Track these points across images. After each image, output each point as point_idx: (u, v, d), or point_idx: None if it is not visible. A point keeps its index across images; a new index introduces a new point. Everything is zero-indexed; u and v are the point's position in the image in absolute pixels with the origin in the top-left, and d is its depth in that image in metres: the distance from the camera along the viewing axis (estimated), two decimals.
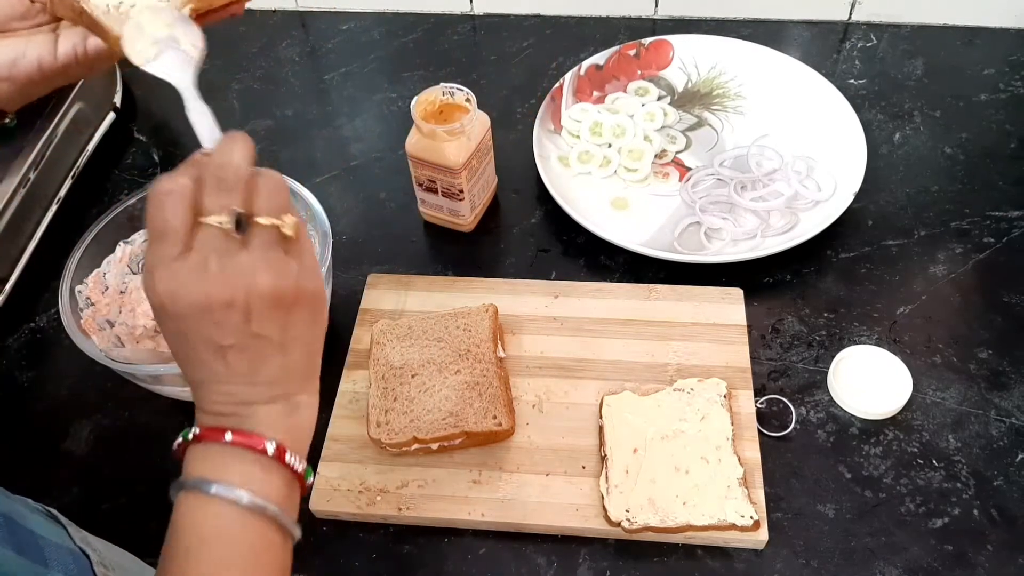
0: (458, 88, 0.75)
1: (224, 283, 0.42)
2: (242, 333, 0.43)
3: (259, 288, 0.43)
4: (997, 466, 0.64)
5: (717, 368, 0.68)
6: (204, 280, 0.42)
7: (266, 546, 0.44)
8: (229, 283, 0.42)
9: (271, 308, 0.43)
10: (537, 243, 0.81)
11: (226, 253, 0.43)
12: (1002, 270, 0.75)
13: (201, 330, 0.43)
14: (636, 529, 0.59)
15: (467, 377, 0.66)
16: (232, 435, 0.44)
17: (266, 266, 0.43)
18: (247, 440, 0.43)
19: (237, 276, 0.43)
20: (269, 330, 0.44)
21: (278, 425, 0.45)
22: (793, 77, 0.89)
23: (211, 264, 0.42)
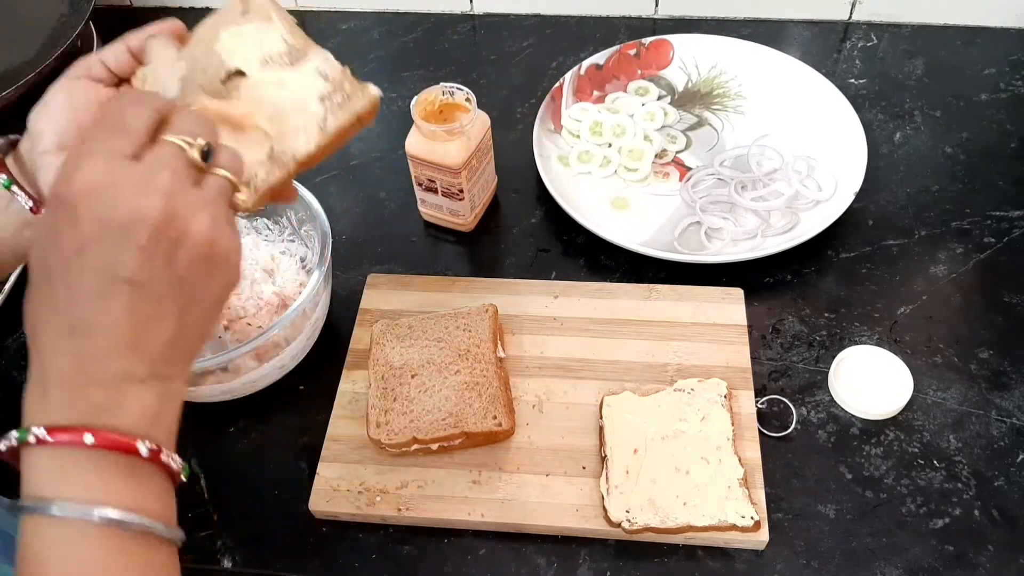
0: (458, 88, 0.75)
1: (169, 205, 0.36)
2: (156, 272, 0.36)
3: (201, 229, 0.37)
4: (998, 466, 0.64)
5: (717, 368, 0.68)
6: (144, 192, 0.36)
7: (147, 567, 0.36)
8: (173, 207, 0.36)
9: (200, 259, 0.38)
10: (537, 243, 0.81)
11: (181, 178, 0.37)
12: (1003, 270, 0.75)
13: (109, 249, 0.35)
14: (636, 530, 0.59)
15: (467, 377, 0.66)
16: (94, 436, 0.35)
17: (214, 215, 0.38)
18: (115, 441, 0.35)
19: (184, 205, 0.37)
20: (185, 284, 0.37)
21: (149, 415, 0.37)
22: (793, 77, 0.89)
23: (160, 180, 0.36)
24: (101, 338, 0.36)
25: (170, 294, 0.37)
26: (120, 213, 0.35)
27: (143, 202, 0.36)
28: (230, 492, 0.66)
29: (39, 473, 0.36)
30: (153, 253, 0.36)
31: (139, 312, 0.36)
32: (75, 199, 0.35)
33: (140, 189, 0.36)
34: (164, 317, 0.37)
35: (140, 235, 0.36)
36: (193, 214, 0.37)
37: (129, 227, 0.35)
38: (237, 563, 0.62)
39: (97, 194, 0.35)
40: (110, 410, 0.36)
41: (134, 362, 0.37)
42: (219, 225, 0.38)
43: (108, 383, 0.36)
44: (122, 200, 0.35)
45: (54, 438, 0.35)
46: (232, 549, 0.63)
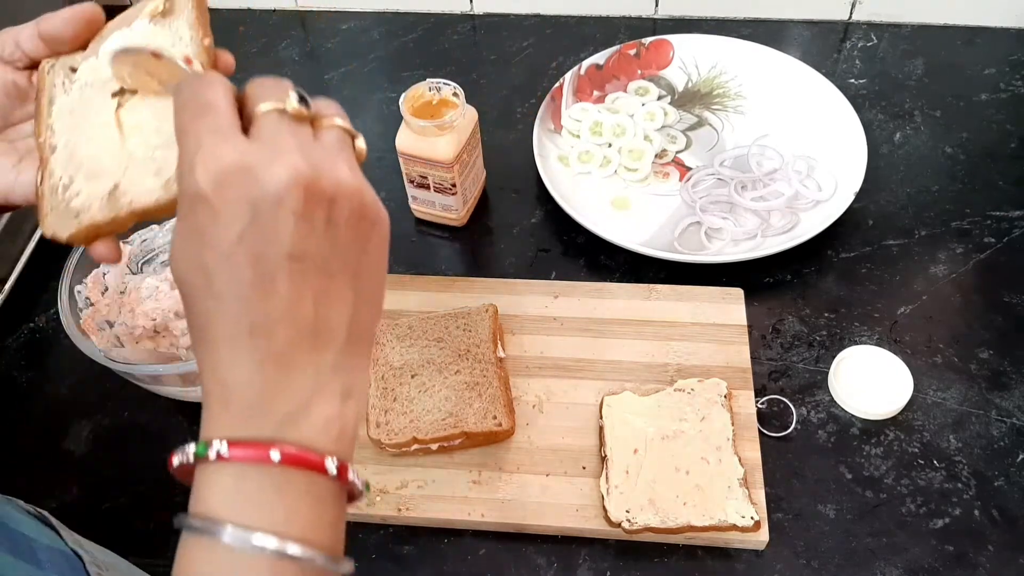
0: (445, 83, 0.75)
1: (309, 161, 0.32)
2: (320, 241, 0.32)
3: (348, 182, 0.33)
4: (998, 466, 0.64)
5: (717, 368, 0.68)
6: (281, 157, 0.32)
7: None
8: (314, 162, 0.32)
9: (356, 215, 0.34)
10: (537, 243, 0.81)
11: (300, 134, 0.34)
12: (1003, 270, 0.75)
13: (266, 228, 0.31)
14: (636, 530, 0.59)
15: (467, 377, 0.66)
16: (281, 452, 0.31)
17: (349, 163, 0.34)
18: (303, 459, 0.32)
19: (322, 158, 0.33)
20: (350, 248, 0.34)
21: (334, 426, 0.34)
22: (793, 77, 0.89)
23: (285, 142, 0.33)
24: (282, 330, 0.32)
25: (339, 263, 0.34)
26: (266, 187, 0.31)
27: (283, 168, 0.32)
28: None
29: (215, 491, 0.32)
30: (311, 218, 0.32)
31: (313, 290, 0.33)
32: (208, 192, 0.31)
33: (273, 156, 0.32)
34: (339, 292, 0.34)
35: (293, 202, 0.32)
36: (334, 165, 0.33)
37: (279, 198, 0.31)
38: None
39: (231, 177, 0.31)
40: (296, 421, 0.33)
41: (319, 353, 0.33)
42: (358, 175, 0.35)
43: (296, 385, 0.33)
44: (261, 173, 0.32)
45: (237, 452, 0.32)
46: None
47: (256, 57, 1.00)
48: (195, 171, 0.32)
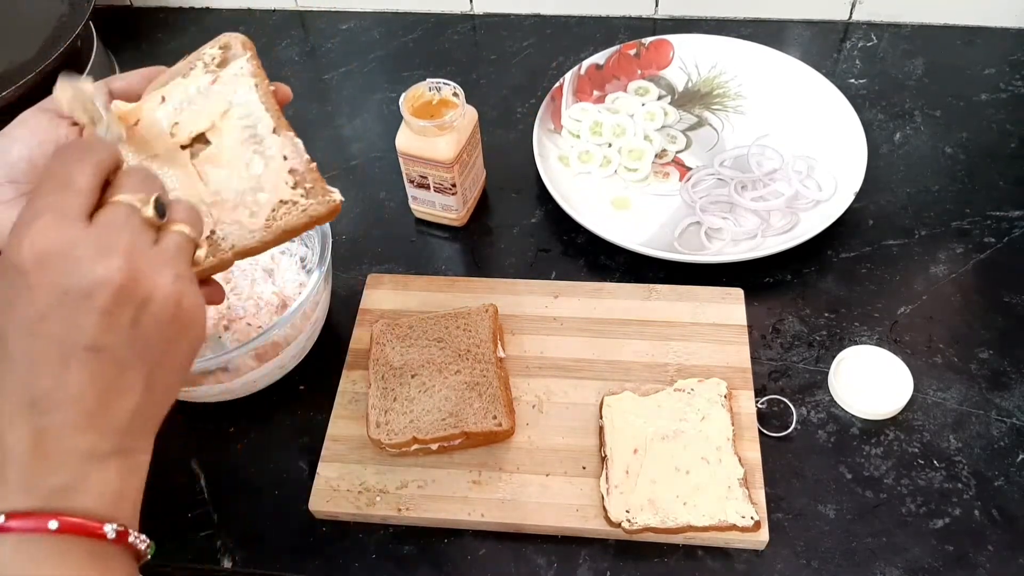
0: (445, 83, 0.75)
1: (130, 265, 0.34)
2: (120, 337, 0.34)
3: (165, 289, 0.35)
4: (998, 466, 0.64)
5: (717, 368, 0.68)
6: (106, 254, 0.34)
7: None
8: (135, 267, 0.34)
9: (167, 321, 0.36)
10: (537, 243, 0.81)
11: (140, 237, 0.35)
12: (1003, 270, 0.75)
13: (69, 316, 0.33)
14: (636, 530, 0.59)
15: (467, 377, 0.66)
16: (59, 522, 0.33)
17: (177, 272, 0.36)
18: (80, 526, 0.33)
19: (146, 264, 0.35)
20: (151, 348, 0.35)
21: (112, 493, 0.35)
22: (793, 77, 0.89)
23: (118, 241, 0.34)
24: (62, 411, 0.34)
25: (135, 359, 0.35)
26: (79, 278, 0.33)
27: (103, 265, 0.33)
28: (230, 492, 0.66)
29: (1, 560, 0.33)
30: (116, 317, 0.34)
31: (103, 381, 0.34)
32: (27, 266, 0.33)
33: (98, 252, 0.34)
34: (129, 385, 0.35)
35: (102, 299, 0.34)
36: (157, 273, 0.35)
37: (90, 292, 0.33)
38: (237, 563, 0.62)
39: (52, 260, 0.33)
40: (73, 492, 0.34)
41: (97, 437, 0.35)
42: (183, 282, 0.37)
43: (70, 462, 0.34)
44: (80, 265, 0.33)
45: (15, 524, 0.33)
46: (232, 549, 0.63)
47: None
48: (23, 244, 0.33)
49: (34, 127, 0.47)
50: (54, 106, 0.48)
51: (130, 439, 0.36)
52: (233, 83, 0.47)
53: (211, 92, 0.46)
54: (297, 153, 0.45)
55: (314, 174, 0.45)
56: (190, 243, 0.38)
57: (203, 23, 1.06)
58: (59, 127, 0.48)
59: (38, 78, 0.82)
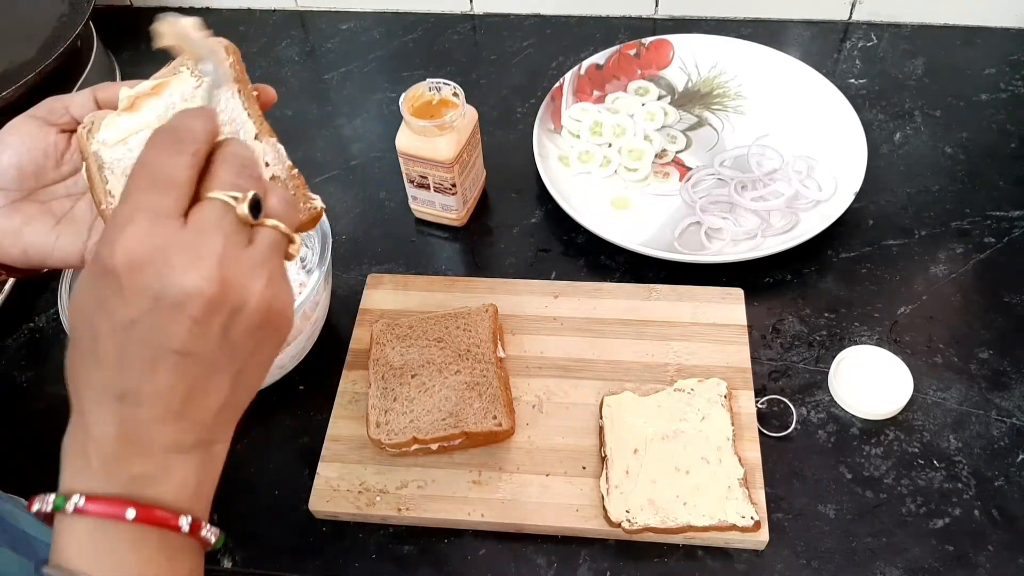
0: (444, 83, 0.75)
1: (224, 274, 0.34)
2: (210, 344, 0.34)
3: (258, 296, 0.35)
4: (998, 466, 0.64)
5: (717, 368, 0.68)
6: (196, 261, 0.33)
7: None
8: (228, 276, 0.34)
9: (257, 326, 0.36)
10: (537, 243, 0.81)
11: (234, 240, 0.35)
12: (1003, 270, 0.75)
13: (160, 323, 0.33)
14: (636, 530, 0.59)
15: (467, 377, 0.66)
16: (136, 510, 0.34)
17: (270, 274, 0.36)
18: (156, 517, 0.34)
19: (239, 272, 0.35)
20: (239, 352, 0.36)
21: (190, 486, 0.36)
22: (793, 77, 0.89)
23: (211, 245, 0.34)
24: (149, 407, 0.34)
25: (224, 362, 0.36)
26: (171, 287, 0.33)
27: (195, 274, 0.33)
28: (230, 492, 0.66)
29: (72, 542, 0.34)
30: (208, 325, 0.34)
31: (190, 381, 0.35)
32: (120, 269, 0.33)
33: (191, 258, 0.33)
34: (216, 385, 0.36)
35: (194, 308, 0.33)
36: (250, 279, 0.35)
37: (182, 301, 0.33)
38: (237, 563, 0.62)
39: (144, 266, 0.33)
40: (152, 481, 0.35)
41: (181, 432, 0.35)
42: (275, 284, 0.36)
43: (153, 453, 0.35)
44: (172, 272, 0.33)
45: (94, 508, 0.34)
46: (232, 549, 0.63)
47: (256, 57, 1.00)
48: (116, 246, 0.33)
49: (23, 134, 0.47)
50: (43, 113, 0.48)
51: (212, 432, 0.37)
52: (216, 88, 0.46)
53: (195, 97, 0.46)
54: (279, 159, 0.45)
55: (296, 180, 0.45)
56: (283, 239, 0.37)
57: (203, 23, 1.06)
58: (48, 134, 0.48)
59: (38, 78, 0.82)
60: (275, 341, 0.38)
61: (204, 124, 0.37)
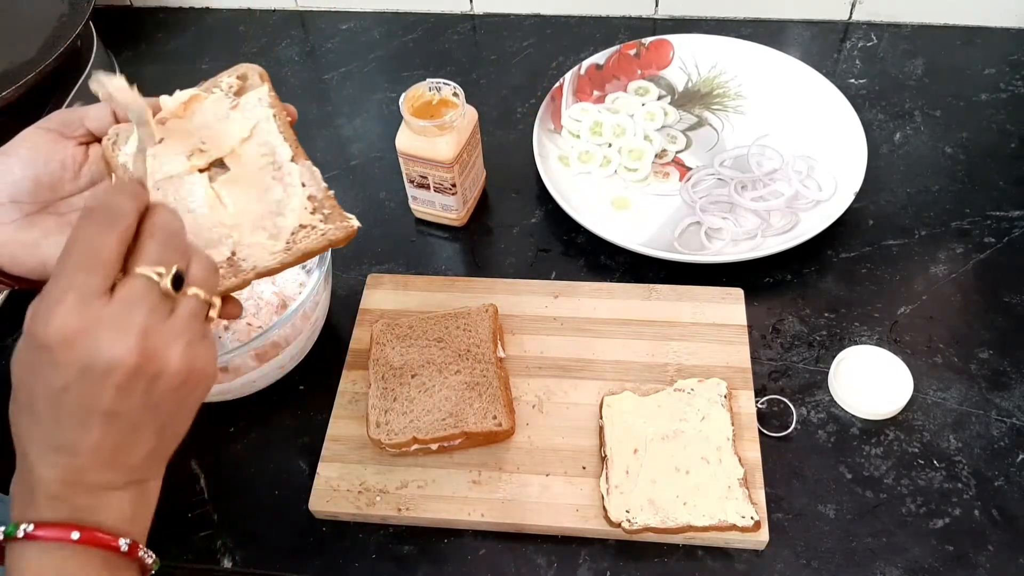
0: (444, 83, 0.75)
1: (144, 345, 0.37)
2: (135, 405, 0.38)
3: (177, 362, 0.39)
4: (998, 466, 0.64)
5: (717, 368, 0.68)
6: (123, 335, 0.37)
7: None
8: (149, 347, 0.38)
9: (177, 387, 0.39)
10: (537, 243, 0.81)
11: (155, 313, 0.38)
12: (1003, 270, 0.75)
13: (89, 389, 0.37)
14: (636, 530, 0.59)
15: (467, 377, 0.66)
16: (80, 533, 0.38)
17: (189, 339, 0.39)
18: (98, 538, 0.38)
19: (159, 342, 0.38)
20: (162, 409, 0.39)
21: (127, 514, 0.40)
22: (793, 77, 0.89)
23: (135, 319, 0.37)
24: (83, 457, 0.38)
25: (148, 418, 0.39)
26: (98, 359, 0.37)
27: (119, 347, 0.37)
28: (230, 492, 0.66)
29: (22, 566, 0.38)
30: (131, 390, 0.38)
31: (118, 437, 0.39)
32: (52, 344, 0.37)
33: (115, 333, 0.37)
34: (143, 438, 0.40)
35: (118, 376, 0.37)
36: (168, 347, 0.38)
37: (108, 370, 0.37)
38: (237, 563, 0.62)
39: (73, 340, 0.37)
40: (93, 511, 0.39)
41: (113, 475, 0.39)
42: (195, 348, 0.40)
43: (92, 491, 0.39)
44: (99, 346, 0.37)
45: (42, 533, 0.38)
46: (232, 549, 0.63)
47: (256, 57, 1.00)
48: (49, 323, 0.37)
49: (37, 146, 0.48)
50: (56, 125, 0.49)
51: (142, 473, 0.41)
52: (252, 111, 0.48)
53: (231, 118, 0.48)
54: (315, 181, 0.48)
55: (331, 201, 0.48)
56: (204, 305, 0.41)
57: (203, 23, 1.06)
58: (65, 146, 0.49)
59: (38, 78, 0.82)
60: (198, 395, 0.42)
61: (132, 202, 0.40)
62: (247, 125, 0.47)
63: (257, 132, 0.47)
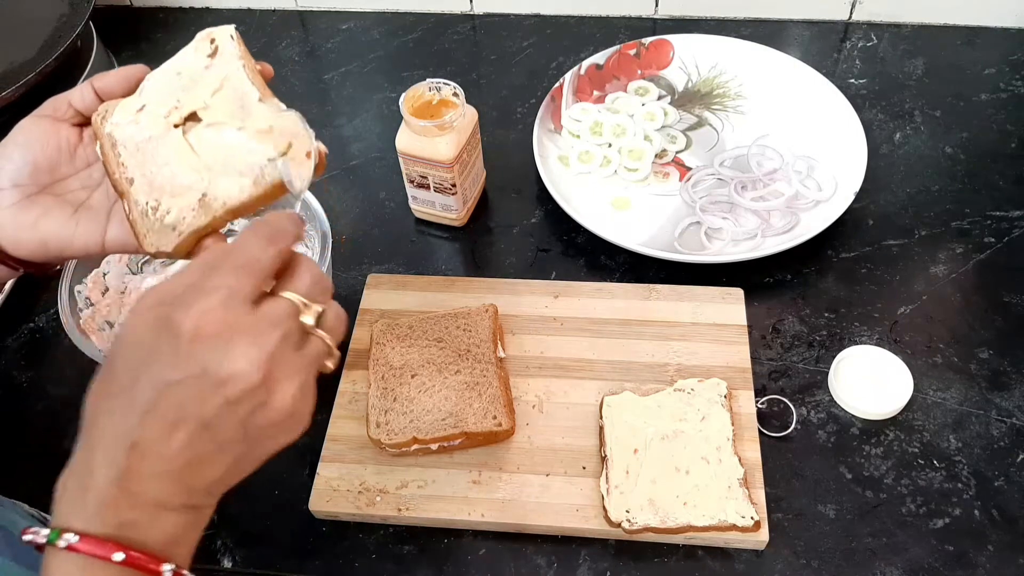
0: (444, 83, 0.75)
1: (270, 368, 0.37)
2: (232, 425, 0.38)
3: (288, 397, 0.39)
4: (998, 466, 0.64)
5: (717, 368, 0.68)
6: (255, 350, 0.37)
7: None
8: (273, 372, 0.38)
9: (276, 423, 0.39)
10: (537, 243, 0.81)
11: (288, 341, 0.38)
12: (1003, 270, 0.75)
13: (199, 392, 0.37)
14: (636, 530, 0.59)
15: (467, 377, 0.66)
16: (124, 554, 0.36)
17: (304, 381, 0.40)
18: (141, 562, 0.36)
19: (283, 372, 0.38)
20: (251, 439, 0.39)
21: (173, 537, 0.39)
22: (793, 77, 0.89)
23: (270, 339, 0.37)
24: (155, 462, 0.37)
25: (235, 443, 0.38)
26: (222, 364, 0.36)
27: (246, 359, 0.37)
28: (230, 492, 0.66)
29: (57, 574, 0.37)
30: (237, 407, 0.37)
31: (199, 452, 0.38)
32: (187, 334, 0.37)
33: (248, 345, 0.37)
34: (220, 460, 0.39)
35: (233, 390, 0.37)
36: (288, 379, 0.38)
37: (226, 381, 0.37)
38: (237, 563, 0.62)
39: (207, 339, 0.37)
40: (141, 528, 0.37)
41: (174, 492, 0.38)
42: (305, 391, 0.40)
43: (145, 505, 0.37)
44: (229, 352, 0.37)
45: (85, 548, 0.36)
46: (232, 549, 0.63)
47: (256, 57, 1.00)
48: (189, 312, 0.37)
49: (35, 132, 0.50)
50: (48, 111, 0.51)
51: (201, 499, 0.40)
52: (223, 66, 0.49)
53: (204, 77, 0.49)
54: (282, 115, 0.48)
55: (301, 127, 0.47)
56: (327, 352, 0.41)
57: (203, 23, 1.05)
58: (60, 129, 0.50)
59: (38, 78, 0.82)
60: (284, 440, 0.41)
61: (295, 228, 0.42)
62: (218, 78, 0.49)
63: (227, 83, 0.48)
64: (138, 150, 0.49)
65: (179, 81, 0.50)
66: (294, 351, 0.39)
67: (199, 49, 0.50)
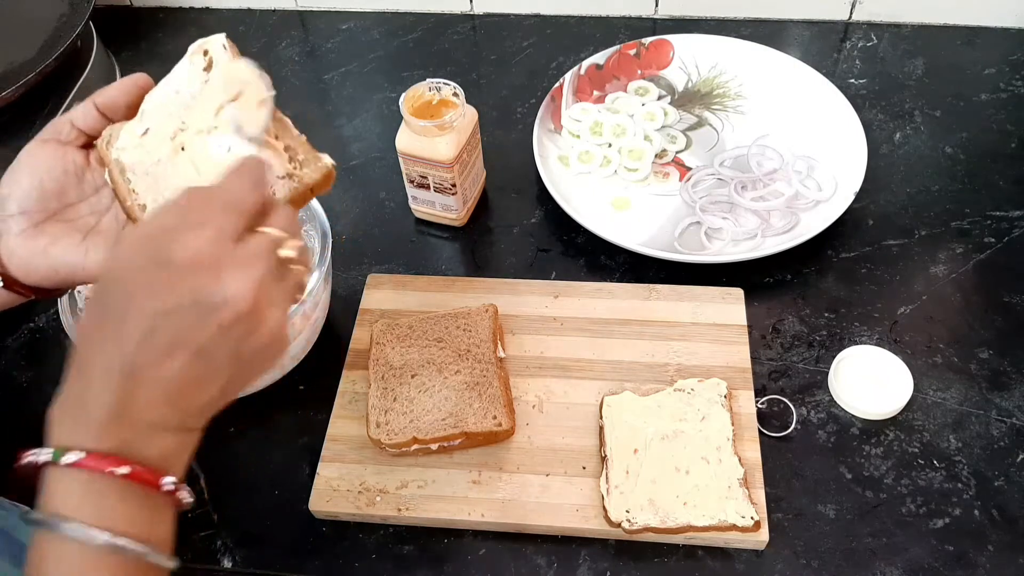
0: (445, 83, 0.75)
1: (257, 296, 0.40)
2: (225, 349, 0.40)
3: (274, 322, 0.41)
4: (998, 466, 0.64)
5: (717, 368, 0.68)
6: (243, 280, 0.39)
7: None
8: (260, 299, 0.40)
9: (264, 346, 0.41)
10: (537, 243, 0.81)
11: (271, 272, 0.41)
12: (1003, 270, 0.75)
13: (193, 320, 0.38)
14: (636, 530, 0.59)
15: (467, 377, 0.66)
16: (129, 467, 0.38)
17: (287, 307, 0.43)
18: (144, 475, 0.39)
19: (268, 299, 0.40)
20: (241, 363, 0.41)
21: (169, 455, 0.41)
22: (793, 77, 0.89)
23: (258, 270, 0.40)
24: (150, 388, 0.39)
25: (226, 368, 0.40)
26: (214, 293, 0.38)
27: (236, 287, 0.39)
28: (230, 492, 0.66)
29: (63, 492, 0.38)
30: (229, 333, 0.39)
31: (193, 377, 0.39)
32: (179, 264, 0.38)
33: (237, 275, 0.39)
34: (213, 384, 0.41)
35: (225, 315, 0.39)
36: (273, 305, 0.41)
37: (217, 308, 0.39)
38: (237, 563, 0.62)
39: (201, 270, 0.38)
40: (137, 446, 0.39)
41: (169, 415, 0.40)
42: (287, 316, 0.43)
43: (142, 427, 0.39)
44: (219, 282, 0.39)
45: (91, 463, 0.38)
46: (232, 549, 0.63)
47: (256, 57, 0.99)
48: (178, 243, 0.38)
49: (40, 157, 0.50)
50: (50, 135, 0.50)
51: (193, 421, 0.42)
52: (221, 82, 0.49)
53: (204, 93, 0.49)
54: (287, 130, 0.49)
55: (306, 146, 0.49)
56: (303, 283, 0.45)
57: (203, 23, 1.06)
58: (65, 153, 0.50)
59: (38, 78, 0.82)
60: (269, 362, 0.43)
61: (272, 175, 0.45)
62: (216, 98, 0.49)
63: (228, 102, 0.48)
64: (147, 175, 0.49)
65: (179, 100, 0.49)
66: (277, 281, 0.41)
67: (194, 63, 0.50)
